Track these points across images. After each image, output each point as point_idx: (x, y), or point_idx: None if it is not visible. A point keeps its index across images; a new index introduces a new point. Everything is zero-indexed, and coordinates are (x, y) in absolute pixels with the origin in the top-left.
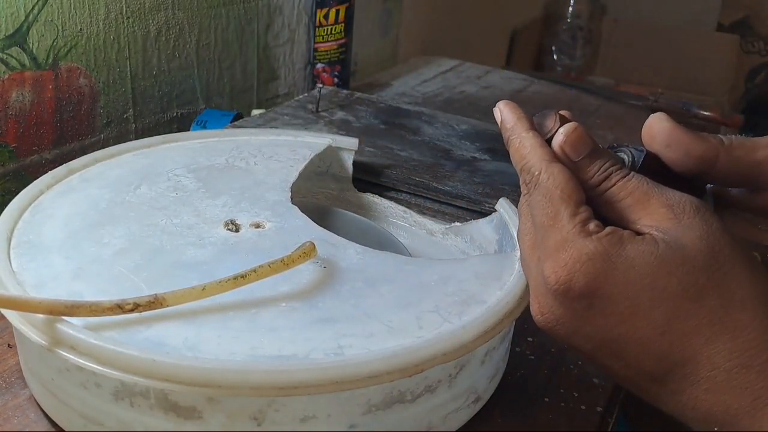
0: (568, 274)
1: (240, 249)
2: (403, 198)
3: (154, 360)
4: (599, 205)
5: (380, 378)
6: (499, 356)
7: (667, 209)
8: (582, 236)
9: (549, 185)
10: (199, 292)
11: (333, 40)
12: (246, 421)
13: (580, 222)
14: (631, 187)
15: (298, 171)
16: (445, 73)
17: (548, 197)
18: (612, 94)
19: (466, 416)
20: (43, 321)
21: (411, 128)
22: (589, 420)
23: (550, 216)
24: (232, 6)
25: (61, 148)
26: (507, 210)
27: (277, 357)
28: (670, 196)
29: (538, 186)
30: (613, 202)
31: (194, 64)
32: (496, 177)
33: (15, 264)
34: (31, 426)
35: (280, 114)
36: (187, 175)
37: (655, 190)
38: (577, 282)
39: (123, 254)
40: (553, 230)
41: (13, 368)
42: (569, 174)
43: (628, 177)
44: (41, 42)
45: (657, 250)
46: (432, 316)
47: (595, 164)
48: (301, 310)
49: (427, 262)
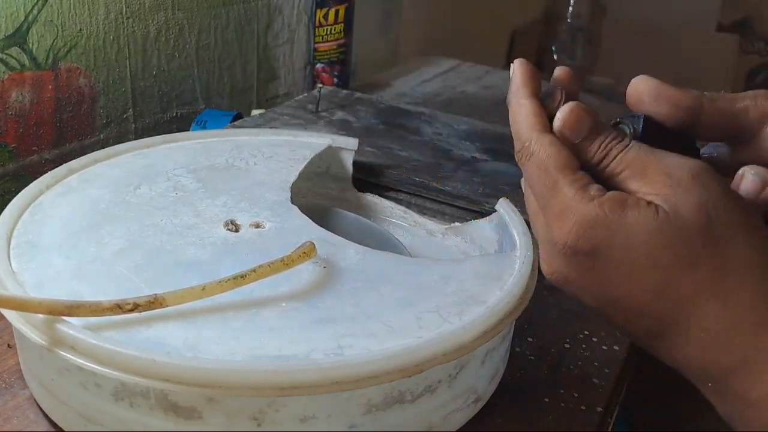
0: (574, 237)
1: (240, 249)
2: (403, 198)
3: (154, 360)
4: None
5: (380, 378)
6: (499, 356)
7: (665, 176)
8: (585, 201)
9: (542, 156)
10: (199, 292)
11: (333, 40)
12: (246, 421)
13: (580, 188)
14: (630, 158)
15: (298, 171)
16: (445, 73)
17: (543, 168)
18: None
19: (466, 416)
20: (43, 321)
21: (411, 128)
22: (589, 420)
23: (549, 186)
24: (232, 6)
25: (61, 148)
26: (507, 210)
27: (277, 357)
28: (668, 162)
29: (531, 157)
30: (614, 176)
31: (194, 64)
32: (496, 177)
33: (15, 264)
34: (30, 426)
35: (280, 114)
36: (187, 175)
37: (653, 158)
38: (582, 245)
39: (123, 254)
40: (555, 199)
41: (13, 368)
42: (560, 144)
43: (627, 149)
44: (41, 42)
45: (654, 219)
46: (432, 316)
47: (595, 143)
48: (301, 310)
49: (427, 262)
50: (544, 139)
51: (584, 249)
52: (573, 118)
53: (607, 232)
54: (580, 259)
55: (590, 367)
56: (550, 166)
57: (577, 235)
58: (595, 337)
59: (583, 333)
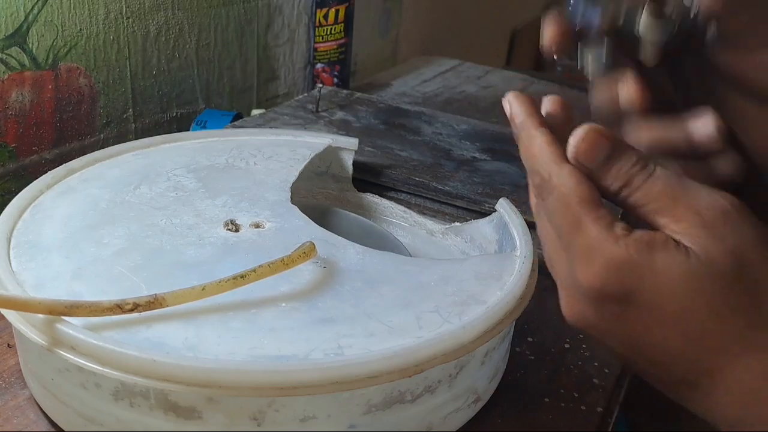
0: (601, 281)
1: (240, 249)
2: (403, 198)
3: (154, 360)
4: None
5: (380, 378)
6: (499, 356)
7: (695, 215)
8: (611, 242)
9: (563, 190)
10: (199, 292)
11: (333, 40)
12: (246, 421)
13: (605, 226)
14: (657, 191)
15: (298, 171)
16: (445, 73)
17: (565, 203)
18: None
19: (466, 416)
20: (43, 321)
21: (411, 128)
22: (589, 420)
23: (572, 223)
24: (232, 6)
25: (61, 148)
26: (507, 210)
27: (277, 357)
28: (698, 198)
29: (551, 191)
30: (638, 207)
31: (194, 64)
32: (496, 177)
33: (15, 264)
34: (31, 426)
35: (280, 114)
36: (187, 175)
37: (681, 193)
38: (610, 290)
39: (123, 254)
40: (579, 237)
41: (13, 368)
42: (580, 176)
43: (652, 179)
44: (41, 42)
45: (686, 263)
46: (432, 316)
47: (613, 170)
48: (301, 310)
49: (427, 262)
50: (563, 171)
51: (612, 293)
52: (586, 144)
53: (635, 276)
54: (607, 304)
55: (590, 367)
56: (573, 201)
57: (604, 279)
58: None
59: (583, 333)
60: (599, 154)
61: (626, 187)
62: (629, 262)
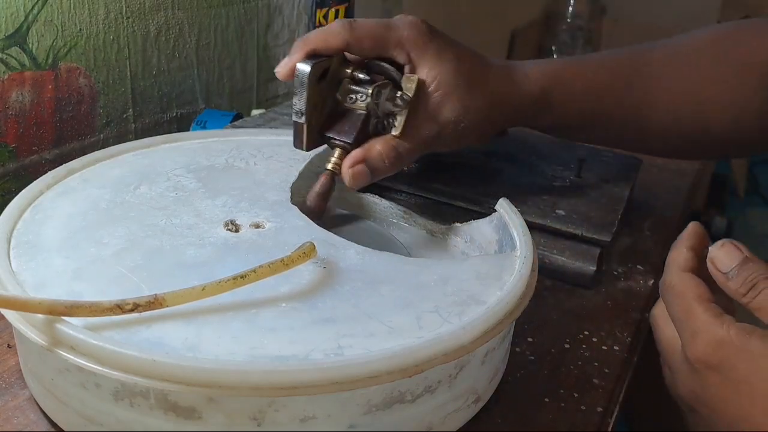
0: (703, 353)
1: (240, 249)
2: (403, 198)
3: (154, 360)
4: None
5: (380, 378)
6: (499, 357)
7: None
8: (716, 324)
9: (680, 288)
10: (199, 292)
11: None
12: (246, 421)
13: (713, 314)
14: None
15: (298, 171)
16: None
17: (680, 296)
18: None
19: (466, 416)
20: (43, 321)
21: None
22: (589, 420)
23: (685, 310)
24: (232, 6)
25: (61, 148)
26: (507, 210)
27: (277, 357)
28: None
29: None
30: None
31: (194, 65)
32: (497, 177)
33: (15, 264)
34: (31, 426)
35: (280, 114)
36: (187, 175)
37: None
38: (710, 360)
39: (123, 254)
40: (690, 321)
41: (13, 368)
42: (698, 279)
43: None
44: (41, 42)
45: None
46: (432, 316)
47: (741, 276)
48: (301, 310)
49: (427, 262)
50: (685, 274)
51: (711, 364)
52: (722, 252)
53: (731, 352)
54: (709, 375)
55: (590, 367)
56: (688, 295)
57: (706, 352)
58: (595, 337)
59: (583, 333)
60: (732, 261)
61: (752, 290)
62: (729, 341)
